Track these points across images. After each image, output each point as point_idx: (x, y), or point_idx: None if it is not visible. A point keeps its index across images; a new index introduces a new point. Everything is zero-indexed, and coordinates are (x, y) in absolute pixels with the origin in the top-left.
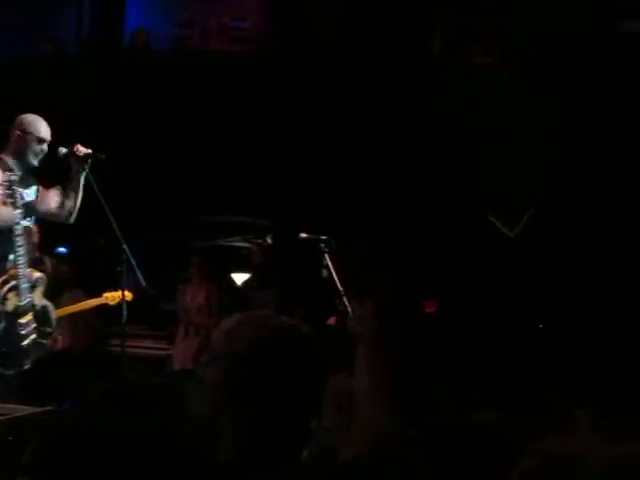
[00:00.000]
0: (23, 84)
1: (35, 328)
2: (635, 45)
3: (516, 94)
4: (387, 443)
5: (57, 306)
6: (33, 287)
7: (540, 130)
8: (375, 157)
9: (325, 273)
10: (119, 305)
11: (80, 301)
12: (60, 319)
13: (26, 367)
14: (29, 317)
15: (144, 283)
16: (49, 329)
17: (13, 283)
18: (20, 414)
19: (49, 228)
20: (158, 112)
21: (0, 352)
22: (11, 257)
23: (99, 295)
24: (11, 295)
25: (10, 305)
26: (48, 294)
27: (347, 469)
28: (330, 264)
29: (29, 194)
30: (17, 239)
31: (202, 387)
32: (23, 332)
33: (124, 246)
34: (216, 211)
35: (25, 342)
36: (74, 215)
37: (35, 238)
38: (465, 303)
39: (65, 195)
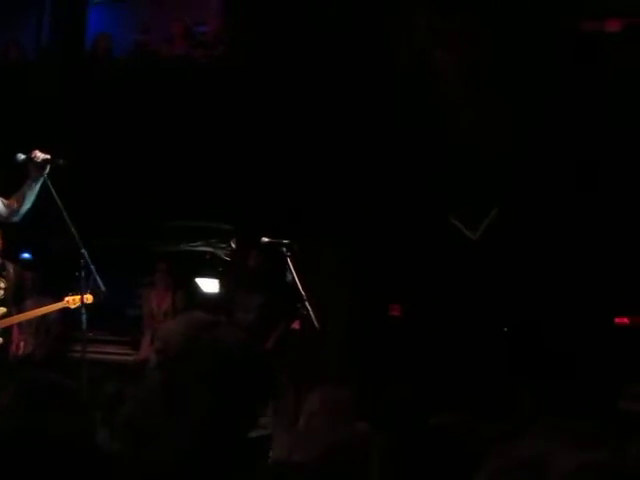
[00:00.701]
0: None
1: None
2: (595, 44)
3: (477, 94)
4: (341, 447)
5: (20, 312)
6: None
7: (501, 130)
8: (338, 159)
9: (289, 277)
10: (79, 310)
11: (43, 306)
12: (22, 325)
13: None
14: None
15: (103, 288)
16: None
17: None
18: None
19: (12, 234)
20: (120, 117)
21: None
22: None
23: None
24: None
25: None
26: (11, 300)
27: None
28: (292, 268)
29: None
30: None
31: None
32: None
33: (83, 251)
34: (179, 216)
35: None
36: (17, 217)
37: None
38: (429, 307)
39: (18, 196)
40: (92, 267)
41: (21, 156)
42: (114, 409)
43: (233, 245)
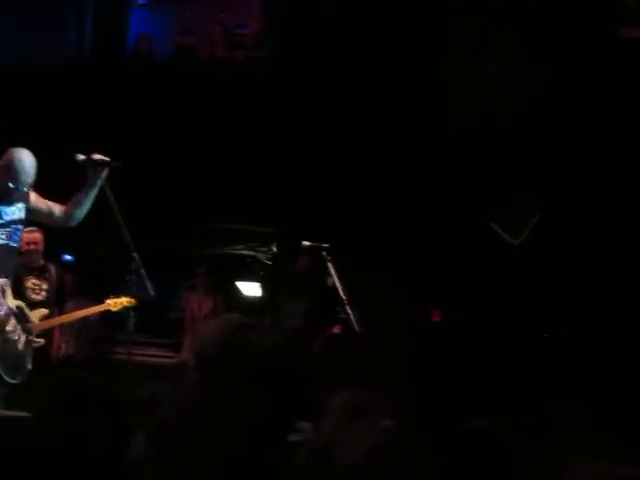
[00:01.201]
0: (29, 92)
1: (22, 329)
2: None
3: (522, 103)
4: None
5: (61, 313)
6: (2, 294)
7: (544, 138)
8: (380, 165)
9: (329, 281)
10: (125, 313)
11: (84, 309)
12: (64, 327)
13: (29, 368)
14: (13, 322)
15: (152, 292)
16: (29, 324)
17: None
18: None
19: (54, 236)
20: (161, 119)
21: (6, 365)
22: None
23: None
24: None
25: None
26: (52, 301)
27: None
28: (333, 272)
29: (12, 212)
30: None
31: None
32: (15, 337)
33: (134, 254)
34: (220, 219)
35: (20, 345)
36: (74, 222)
37: (39, 247)
38: (469, 312)
39: (76, 201)
40: (143, 271)
41: (80, 156)
42: (150, 411)
43: (274, 249)
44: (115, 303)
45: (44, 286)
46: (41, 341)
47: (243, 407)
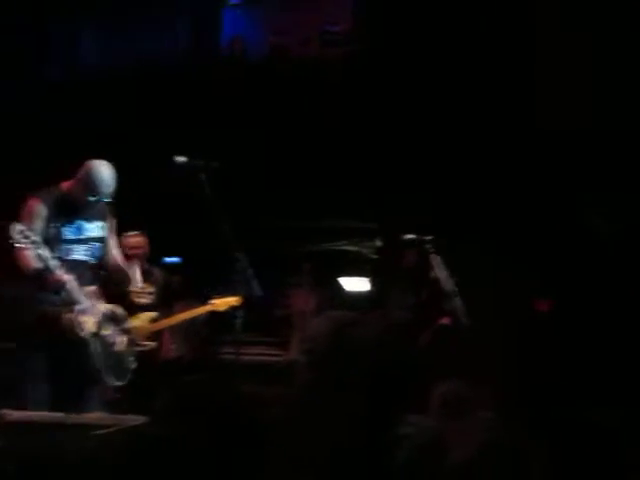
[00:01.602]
0: (123, 95)
1: (118, 331)
2: None
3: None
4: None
5: (169, 316)
6: (94, 301)
7: None
8: (482, 156)
9: (433, 274)
10: (233, 313)
11: (192, 309)
12: (172, 329)
13: (133, 367)
14: (109, 326)
15: (260, 292)
16: (125, 324)
17: (79, 307)
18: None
19: (158, 239)
20: (258, 119)
21: (109, 368)
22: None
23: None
24: (84, 319)
25: (90, 326)
26: (159, 304)
27: (460, 469)
28: (437, 264)
29: (92, 229)
30: (64, 278)
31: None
32: (112, 340)
33: (239, 254)
34: (323, 216)
35: (119, 348)
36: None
37: (144, 249)
38: (578, 302)
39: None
40: (249, 270)
41: (179, 159)
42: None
43: (378, 243)
44: (221, 303)
45: (150, 289)
46: (150, 344)
47: (354, 402)
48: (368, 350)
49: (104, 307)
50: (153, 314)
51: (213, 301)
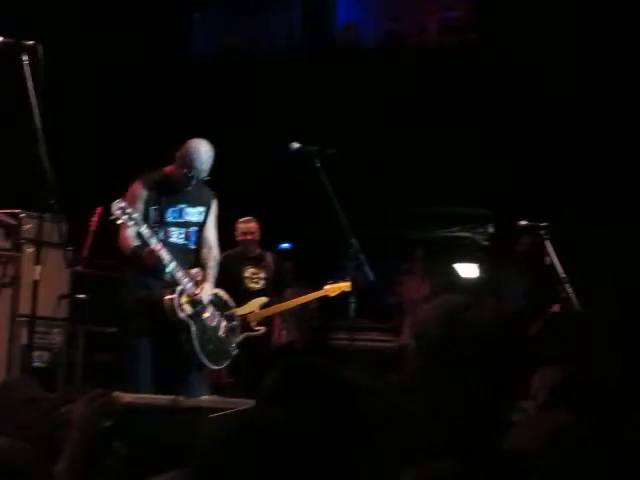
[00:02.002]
0: (240, 83)
1: (220, 316)
2: None
3: None
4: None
5: (280, 301)
6: (196, 284)
7: None
8: (597, 142)
9: (547, 260)
10: (345, 299)
11: (303, 295)
12: (283, 314)
13: (234, 354)
14: (210, 309)
15: (372, 277)
16: (231, 311)
17: (179, 288)
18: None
19: (270, 225)
20: (372, 106)
21: (209, 351)
22: (168, 269)
23: (321, 289)
24: (184, 300)
25: (189, 308)
26: (271, 289)
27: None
28: (552, 251)
29: (192, 213)
30: (162, 254)
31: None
32: (213, 324)
33: (352, 240)
34: (436, 202)
35: (221, 332)
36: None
37: (255, 236)
38: None
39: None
40: (362, 256)
41: (295, 145)
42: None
43: (491, 230)
44: (333, 289)
45: (262, 275)
46: (262, 329)
47: (466, 387)
48: (480, 336)
49: (207, 291)
50: (264, 300)
51: (325, 287)
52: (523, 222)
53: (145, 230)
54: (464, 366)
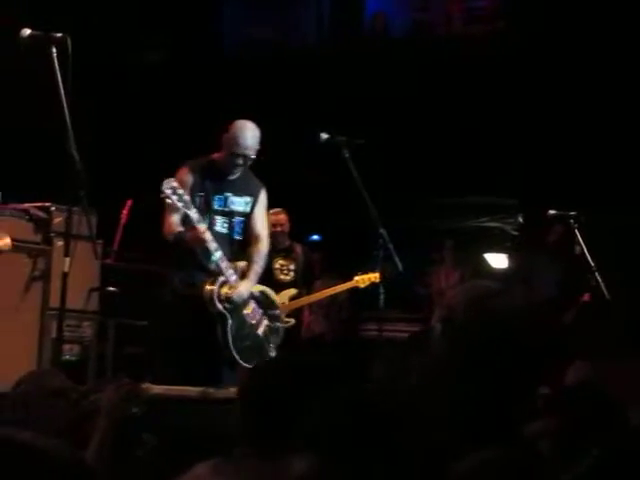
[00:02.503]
0: (269, 75)
1: (263, 314)
2: None
3: None
4: None
5: (310, 293)
6: (242, 277)
7: None
8: (627, 131)
9: (577, 249)
10: (375, 289)
11: (332, 286)
12: (313, 306)
13: (271, 354)
14: (252, 306)
15: (401, 268)
16: (276, 311)
17: (221, 279)
18: None
19: (300, 216)
20: (400, 96)
21: (243, 348)
22: (213, 257)
23: (350, 280)
24: (224, 291)
25: (228, 301)
26: (300, 281)
27: None
28: (581, 240)
29: (238, 203)
30: (209, 239)
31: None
32: (253, 322)
33: (381, 231)
34: (465, 192)
35: (260, 330)
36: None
37: (285, 228)
38: None
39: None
40: (391, 247)
41: (324, 136)
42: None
43: (520, 219)
44: (362, 280)
45: (291, 266)
46: (291, 321)
47: (490, 372)
48: (508, 322)
49: (252, 286)
50: (293, 291)
51: (355, 278)
52: (552, 211)
53: (194, 214)
54: (489, 351)
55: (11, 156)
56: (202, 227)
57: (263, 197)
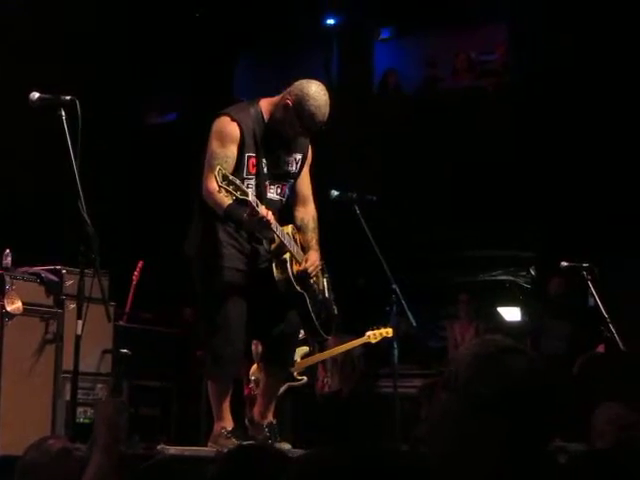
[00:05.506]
0: None
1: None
2: None
3: None
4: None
5: (322, 349)
6: (302, 250)
7: None
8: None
9: (591, 301)
10: (389, 345)
11: (345, 342)
12: (326, 362)
13: (335, 313)
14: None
15: (414, 323)
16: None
17: (288, 257)
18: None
19: None
20: (414, 152)
21: (320, 316)
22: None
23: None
24: (295, 270)
25: (300, 280)
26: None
27: None
28: (594, 291)
29: (290, 162)
30: (273, 221)
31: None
32: (321, 287)
33: (394, 286)
34: (477, 246)
35: (327, 294)
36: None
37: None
38: None
39: (307, 236)
40: (404, 302)
41: (334, 193)
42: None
43: (532, 272)
44: (374, 335)
45: None
46: (303, 379)
47: (491, 428)
48: (512, 378)
49: (315, 259)
50: (305, 349)
51: (368, 333)
52: (565, 263)
53: (253, 198)
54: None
55: (23, 219)
56: (264, 210)
57: (310, 153)
